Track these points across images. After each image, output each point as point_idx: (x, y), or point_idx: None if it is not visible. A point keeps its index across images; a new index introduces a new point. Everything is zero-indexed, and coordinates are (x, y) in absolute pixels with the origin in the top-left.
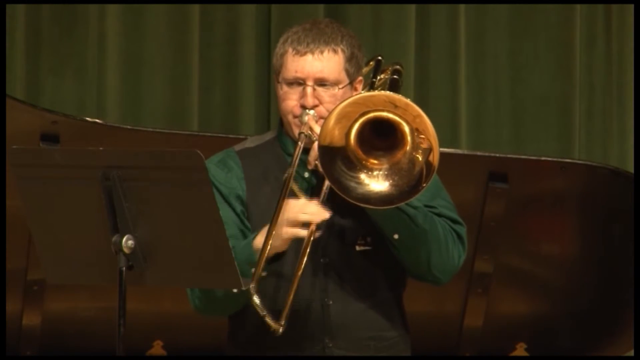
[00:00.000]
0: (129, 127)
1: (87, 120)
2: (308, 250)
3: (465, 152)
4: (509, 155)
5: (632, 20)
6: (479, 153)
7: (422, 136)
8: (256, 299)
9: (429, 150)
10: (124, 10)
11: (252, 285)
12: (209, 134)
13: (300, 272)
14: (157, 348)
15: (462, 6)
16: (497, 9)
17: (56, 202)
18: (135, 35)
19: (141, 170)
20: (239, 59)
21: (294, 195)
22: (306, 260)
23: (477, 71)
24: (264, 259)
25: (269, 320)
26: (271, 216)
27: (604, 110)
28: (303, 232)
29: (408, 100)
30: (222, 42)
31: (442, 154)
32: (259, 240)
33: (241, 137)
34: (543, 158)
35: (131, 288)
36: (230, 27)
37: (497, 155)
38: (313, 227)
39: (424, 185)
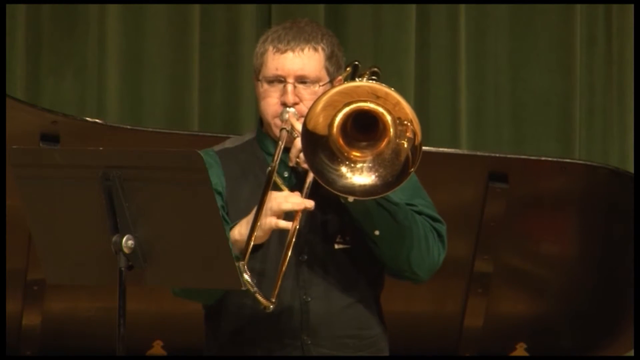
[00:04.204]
0: (129, 127)
1: (87, 120)
2: (294, 240)
3: (465, 152)
4: (509, 155)
5: (632, 20)
6: (479, 153)
7: (405, 122)
8: (247, 277)
9: (413, 135)
10: (124, 10)
11: (241, 263)
12: (209, 134)
13: (286, 262)
14: (157, 348)
15: (462, 6)
16: (497, 9)
17: (56, 202)
18: (135, 35)
19: (141, 170)
20: (239, 59)
21: (277, 188)
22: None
23: (477, 71)
24: (251, 244)
25: (260, 297)
26: (253, 210)
27: (604, 110)
28: (283, 223)
29: (388, 89)
30: (222, 42)
31: (442, 154)
32: (235, 231)
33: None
34: (543, 158)
35: (131, 288)
36: (230, 27)
37: (497, 155)
38: (298, 216)
39: (412, 170)
